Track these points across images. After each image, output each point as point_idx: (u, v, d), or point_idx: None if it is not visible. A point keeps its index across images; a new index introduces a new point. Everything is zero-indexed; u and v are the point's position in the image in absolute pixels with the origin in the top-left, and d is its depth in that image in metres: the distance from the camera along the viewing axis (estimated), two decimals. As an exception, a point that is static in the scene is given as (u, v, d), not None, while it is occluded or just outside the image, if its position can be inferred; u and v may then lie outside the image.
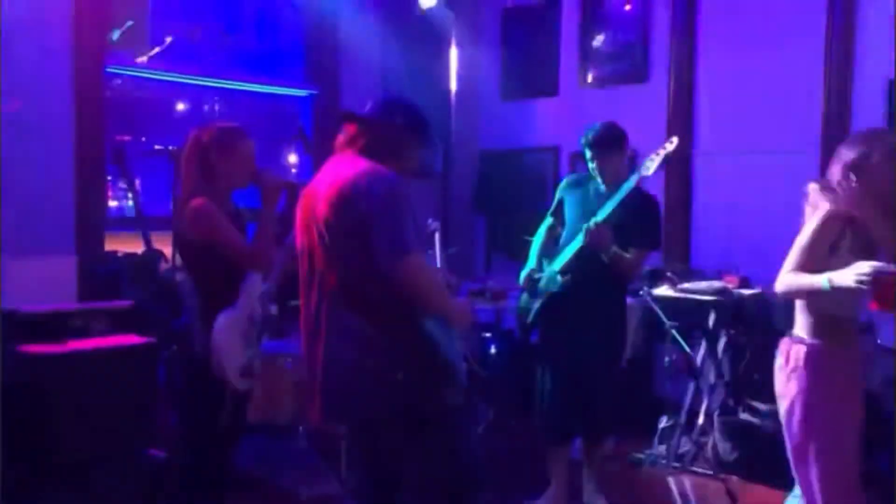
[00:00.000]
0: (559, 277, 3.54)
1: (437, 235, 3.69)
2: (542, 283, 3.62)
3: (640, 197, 3.54)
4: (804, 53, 4.91)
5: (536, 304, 3.63)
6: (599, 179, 3.57)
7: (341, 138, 2.52)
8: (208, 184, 2.90)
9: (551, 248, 3.72)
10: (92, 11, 4.35)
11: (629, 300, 3.93)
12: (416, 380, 2.32)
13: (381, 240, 2.25)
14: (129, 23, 4.64)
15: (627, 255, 3.46)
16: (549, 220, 3.78)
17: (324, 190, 2.38)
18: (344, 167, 2.40)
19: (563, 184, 3.80)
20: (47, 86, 4.23)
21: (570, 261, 3.52)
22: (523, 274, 3.71)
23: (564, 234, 3.65)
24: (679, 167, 5.40)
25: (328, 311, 2.38)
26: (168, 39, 4.92)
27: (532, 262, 3.72)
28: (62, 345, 3.32)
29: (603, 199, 3.53)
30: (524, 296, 3.73)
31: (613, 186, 3.53)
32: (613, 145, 3.55)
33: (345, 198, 2.31)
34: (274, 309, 3.04)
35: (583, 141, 3.57)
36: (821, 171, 4.84)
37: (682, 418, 4.26)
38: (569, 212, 3.67)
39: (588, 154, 3.56)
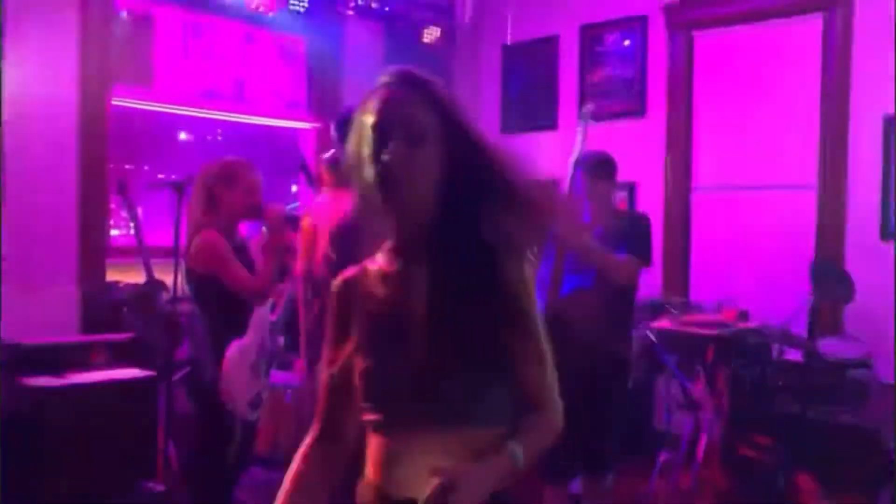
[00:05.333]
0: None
1: None
2: None
3: (631, 215, 3.57)
4: (801, 89, 4.97)
5: None
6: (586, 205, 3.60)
7: (329, 179, 2.56)
8: (214, 216, 2.94)
9: None
10: (99, 42, 4.40)
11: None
12: None
13: None
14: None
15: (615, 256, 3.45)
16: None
17: (324, 224, 2.44)
18: (342, 203, 2.45)
19: None
20: (53, 116, 4.26)
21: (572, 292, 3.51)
22: None
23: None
24: (678, 201, 5.45)
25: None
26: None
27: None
28: (63, 377, 3.31)
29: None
30: None
31: (599, 215, 3.56)
32: (603, 170, 3.56)
33: (340, 233, 2.39)
34: (281, 340, 3.05)
35: (572, 163, 3.60)
36: (818, 206, 4.90)
37: (682, 452, 4.25)
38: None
39: (578, 178, 3.58)
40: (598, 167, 3.53)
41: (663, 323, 4.49)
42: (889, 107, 4.55)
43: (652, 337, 4.27)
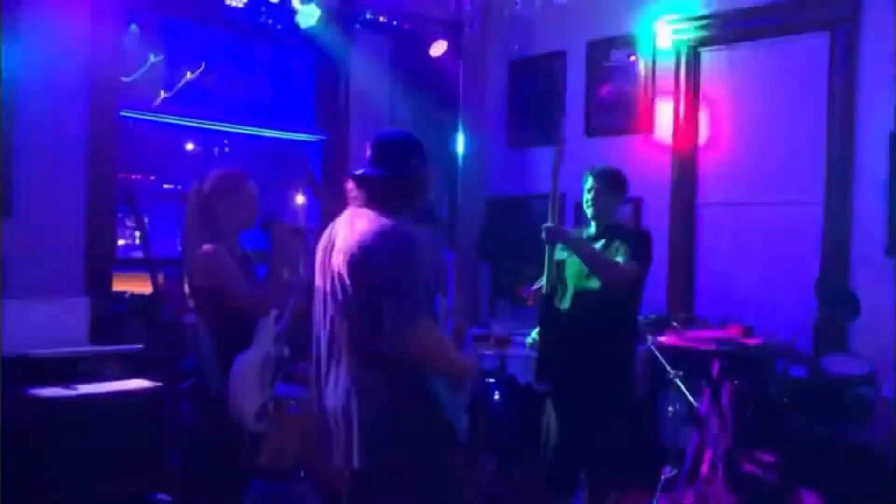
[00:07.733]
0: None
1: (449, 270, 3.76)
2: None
3: (629, 228, 3.70)
4: (806, 106, 4.98)
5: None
6: (590, 211, 3.66)
7: (354, 193, 2.53)
8: (214, 228, 2.95)
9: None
10: (108, 54, 4.44)
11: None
12: (415, 437, 2.33)
13: (391, 303, 2.28)
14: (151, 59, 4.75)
15: (607, 256, 3.55)
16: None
17: (340, 244, 2.41)
18: (360, 221, 2.41)
19: (558, 246, 3.77)
20: (62, 128, 4.30)
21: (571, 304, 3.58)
22: (531, 338, 3.78)
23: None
24: (683, 217, 5.45)
25: (336, 359, 2.40)
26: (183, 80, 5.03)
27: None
28: (71, 389, 3.33)
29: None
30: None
31: (601, 223, 3.64)
32: (615, 182, 3.70)
33: (358, 256, 2.33)
34: (287, 351, 3.06)
35: (587, 170, 3.69)
36: (824, 222, 4.90)
37: (686, 468, 4.24)
38: (569, 270, 3.73)
39: (589, 183, 3.66)
40: (611, 179, 3.64)
41: (668, 338, 4.49)
42: (894, 124, 4.55)
43: (656, 352, 4.27)
